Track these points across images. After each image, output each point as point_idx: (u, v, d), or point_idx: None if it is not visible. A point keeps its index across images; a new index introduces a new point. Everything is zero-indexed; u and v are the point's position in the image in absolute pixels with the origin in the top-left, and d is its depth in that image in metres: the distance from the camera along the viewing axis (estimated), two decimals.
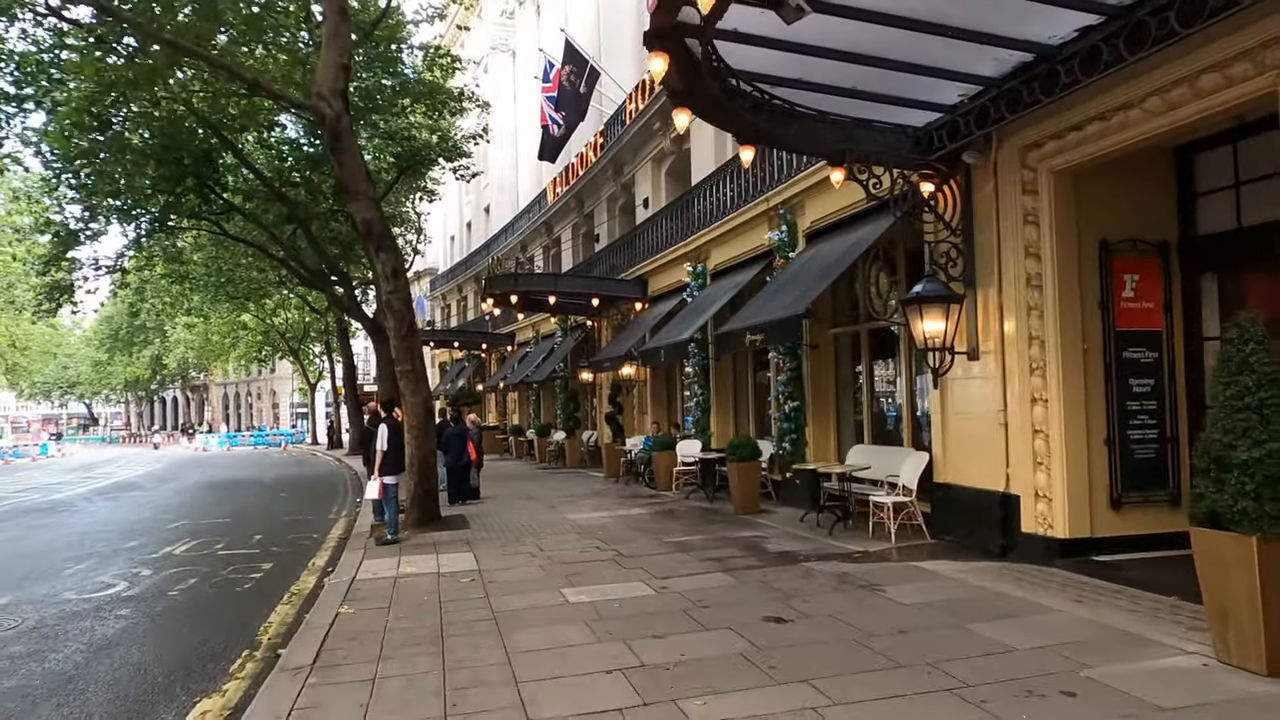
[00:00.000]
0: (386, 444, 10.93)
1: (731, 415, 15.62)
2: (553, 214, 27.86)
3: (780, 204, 12.46)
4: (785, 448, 12.25)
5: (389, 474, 10.95)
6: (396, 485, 11.03)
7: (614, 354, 17.34)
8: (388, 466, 10.95)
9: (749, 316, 10.96)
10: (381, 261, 10.91)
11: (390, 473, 10.99)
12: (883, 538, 9.27)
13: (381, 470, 10.94)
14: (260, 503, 17.85)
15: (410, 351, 11.30)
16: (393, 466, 11.03)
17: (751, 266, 13.59)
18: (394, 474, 11.03)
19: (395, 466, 11.08)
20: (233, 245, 28.15)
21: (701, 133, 17.11)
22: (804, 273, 10.75)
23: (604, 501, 14.38)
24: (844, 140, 8.22)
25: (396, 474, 11.07)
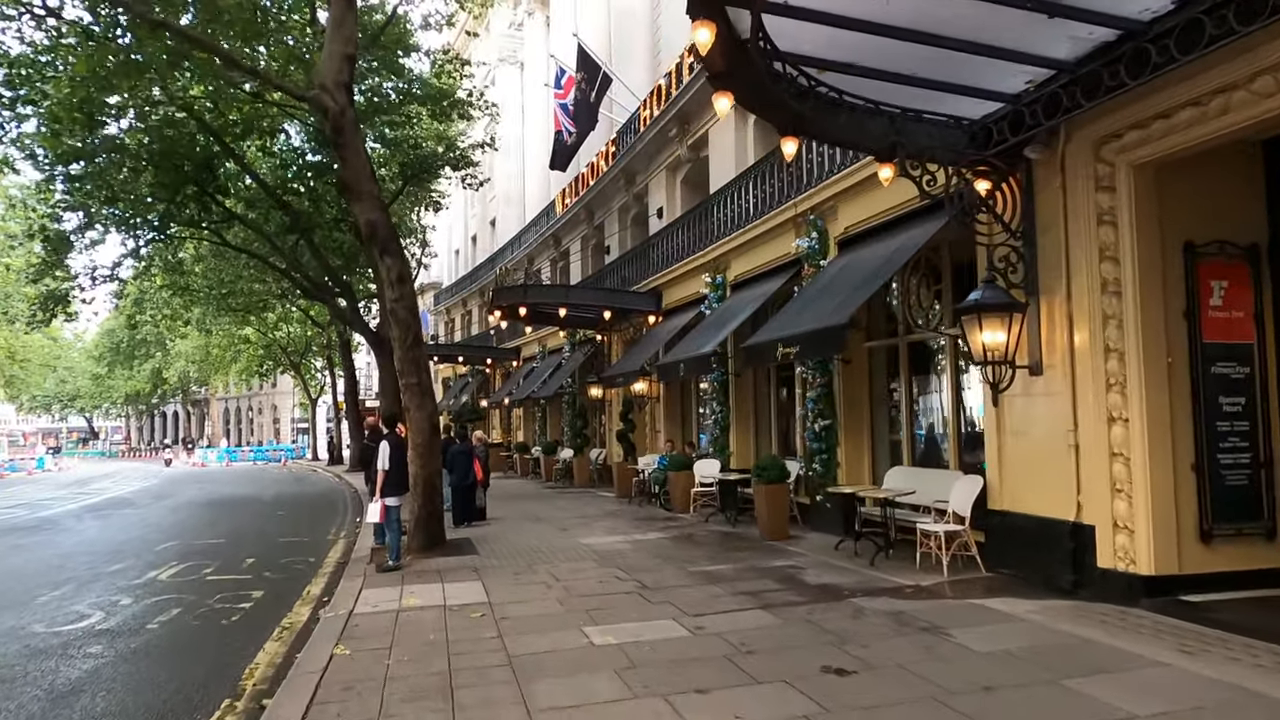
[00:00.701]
0: (388, 462, 10.17)
1: (752, 434, 14.82)
2: (561, 226, 27.19)
3: (810, 210, 11.73)
4: (815, 469, 11.45)
5: (391, 495, 10.16)
6: (399, 507, 10.23)
7: (628, 369, 16.58)
8: (389, 487, 10.18)
9: (780, 328, 10.20)
10: (386, 266, 10.18)
11: (392, 494, 10.20)
12: (931, 569, 8.46)
13: (383, 491, 10.16)
14: (256, 522, 17.03)
15: (416, 363, 10.55)
16: (395, 487, 10.25)
17: (777, 276, 12.86)
18: (397, 495, 10.23)
19: (398, 487, 10.30)
20: (234, 256, 27.53)
21: (721, 137, 16.45)
22: (840, 281, 10.00)
23: (618, 524, 13.56)
24: (894, 134, 7.49)
25: (399, 495, 10.27)
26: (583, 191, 24.05)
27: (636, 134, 19.96)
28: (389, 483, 10.11)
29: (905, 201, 9.57)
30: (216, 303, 31.46)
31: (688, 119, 17.51)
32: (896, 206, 9.80)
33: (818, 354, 10.06)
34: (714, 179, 16.54)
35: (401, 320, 10.33)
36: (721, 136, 16.36)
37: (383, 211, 10.23)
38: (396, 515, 10.14)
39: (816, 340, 8.75)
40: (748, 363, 12.31)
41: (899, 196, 9.70)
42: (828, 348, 8.92)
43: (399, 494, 10.22)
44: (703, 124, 17.08)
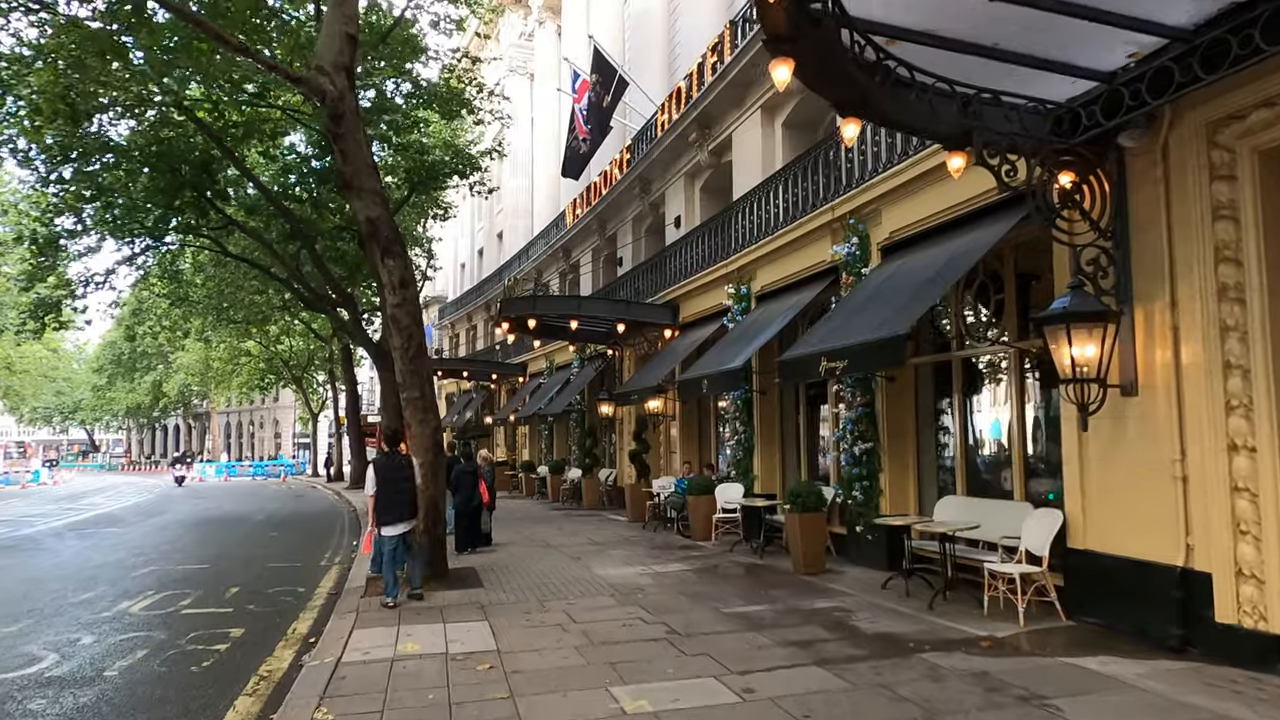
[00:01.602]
0: (375, 486, 8.93)
1: (778, 457, 13.79)
2: (571, 237, 26.31)
3: (850, 213, 10.77)
4: (855, 497, 10.41)
5: (388, 522, 8.99)
6: (397, 539, 8.98)
7: (644, 385, 15.59)
8: (380, 513, 8.96)
9: (823, 340, 9.21)
10: (388, 269, 9.22)
11: (388, 520, 8.96)
12: (1001, 616, 7.42)
13: (377, 518, 9.02)
14: (246, 544, 16.00)
15: (418, 375, 9.57)
16: (387, 513, 8.94)
17: (810, 286, 11.89)
18: (392, 522, 8.98)
19: (391, 513, 8.96)
20: (234, 266, 26.68)
21: (746, 139, 15.53)
22: (889, 290, 9.02)
23: (635, 553, 12.53)
24: (970, 118, 6.53)
25: (396, 522, 8.99)
26: (595, 201, 23.16)
27: (653, 140, 19.08)
28: (379, 508, 8.99)
29: (964, 202, 8.62)
30: (216, 314, 30.62)
31: (709, 122, 16.62)
32: (952, 208, 8.84)
33: (873, 367, 9.03)
34: (738, 184, 15.61)
35: (403, 328, 9.35)
36: (746, 139, 15.46)
37: (385, 208, 9.29)
38: (393, 545, 8.95)
39: (871, 352, 7.75)
40: (786, 379, 11.28)
41: (955, 197, 8.76)
42: (884, 360, 7.91)
43: (394, 520, 8.98)
44: (725, 127, 16.18)
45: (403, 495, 8.97)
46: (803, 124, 14.54)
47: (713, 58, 15.69)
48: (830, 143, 11.52)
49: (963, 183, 8.61)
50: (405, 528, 8.99)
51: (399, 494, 8.97)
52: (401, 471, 9.06)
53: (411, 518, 9.09)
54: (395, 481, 8.98)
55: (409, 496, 9.06)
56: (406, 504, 9.04)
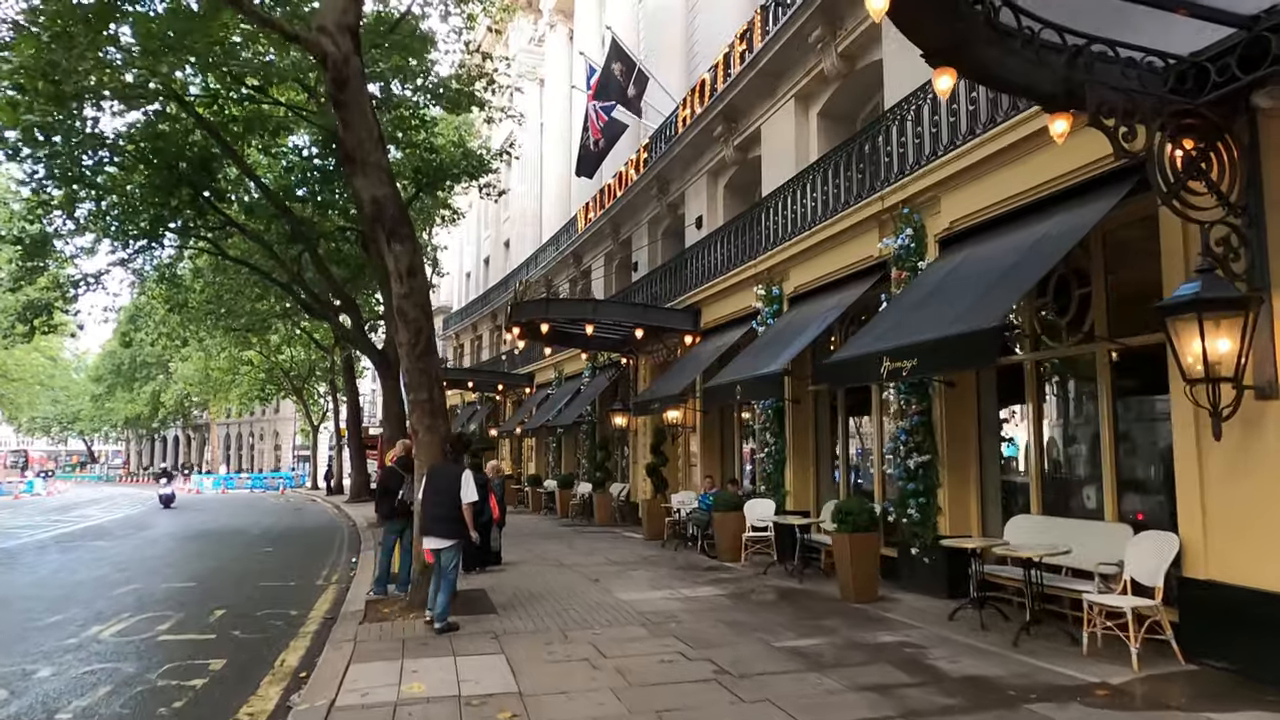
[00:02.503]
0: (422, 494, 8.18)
1: (812, 470, 12.77)
2: (583, 242, 25.37)
3: (902, 203, 9.80)
4: (911, 515, 9.37)
5: (437, 533, 7.97)
6: (454, 550, 8.02)
7: (667, 392, 14.57)
8: (431, 522, 8.03)
9: (879, 339, 8.21)
10: (394, 255, 8.25)
11: (439, 532, 7.95)
12: (1101, 655, 6.38)
13: (426, 527, 8.06)
14: (238, 561, 14.96)
15: (427, 375, 8.56)
16: (443, 524, 7.95)
17: (854, 284, 10.91)
18: (441, 535, 7.95)
19: (441, 523, 7.98)
20: (233, 271, 25.76)
21: (777, 132, 14.56)
22: (957, 283, 8.03)
23: (659, 575, 11.48)
24: (1080, 72, 5.57)
25: (444, 534, 7.95)
26: (609, 204, 22.24)
27: (672, 137, 18.17)
28: (430, 517, 8.06)
29: (1046, 183, 7.65)
30: (214, 320, 29.65)
31: (735, 115, 15.69)
32: (1031, 191, 7.87)
33: (951, 366, 7.97)
34: (767, 180, 14.66)
35: (410, 321, 8.35)
36: (777, 131, 14.52)
37: (392, 186, 8.32)
38: (449, 561, 8.00)
39: (951, 349, 6.72)
40: (836, 382, 10.22)
41: (1034, 178, 7.81)
42: (969, 358, 6.87)
43: (444, 533, 7.95)
44: (754, 119, 15.25)
45: (445, 507, 7.97)
46: (840, 115, 13.61)
47: (741, 46, 14.78)
48: (878, 127, 10.57)
49: (1042, 163, 7.70)
50: (446, 543, 8.00)
51: (439, 505, 7.99)
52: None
53: (455, 535, 8.02)
54: (441, 491, 8.01)
55: (454, 510, 7.97)
56: (450, 518, 7.99)
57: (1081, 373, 8.21)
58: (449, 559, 7.99)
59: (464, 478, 7.94)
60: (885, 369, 7.67)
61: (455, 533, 7.94)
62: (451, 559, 8.00)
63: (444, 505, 7.92)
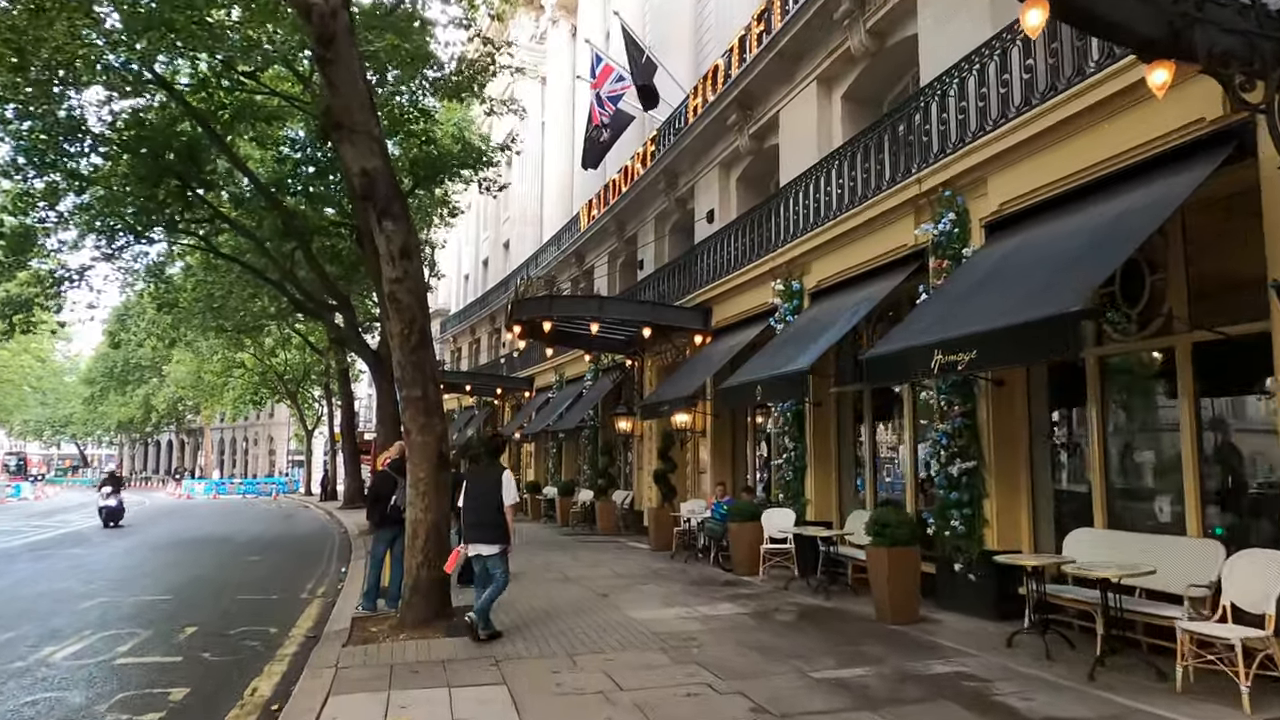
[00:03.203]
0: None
1: (834, 477, 11.90)
2: (585, 241, 24.55)
3: (942, 185, 8.97)
4: (954, 527, 8.50)
5: (482, 540, 7.67)
6: (501, 557, 7.69)
7: (677, 394, 13.70)
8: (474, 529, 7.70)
9: (925, 331, 7.36)
10: (386, 235, 7.39)
11: (484, 538, 7.64)
12: (1197, 692, 5.51)
13: (469, 534, 7.73)
14: (219, 571, 14.06)
15: (420, 369, 7.69)
16: (485, 530, 7.65)
17: (886, 275, 10.07)
18: (487, 541, 7.64)
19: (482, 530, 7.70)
20: (224, 269, 24.89)
21: (797, 118, 13.72)
22: (1015, 269, 7.19)
23: (671, 590, 10.59)
24: (1189, 9, 4.74)
25: (490, 539, 7.65)
26: (614, 199, 21.41)
27: (681, 129, 17.35)
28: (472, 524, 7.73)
29: (1116, 157, 6.83)
30: (204, 320, 28.73)
31: (751, 102, 14.87)
32: (1100, 165, 7.03)
33: (1024, 358, 6.98)
34: (785, 169, 13.83)
35: (403, 308, 7.48)
36: (797, 116, 13.69)
37: (384, 159, 7.46)
38: (499, 568, 7.71)
39: (1023, 338, 5.83)
40: (880, 378, 9.20)
41: (1099, 153, 6.99)
42: (1045, 348, 5.92)
43: (488, 538, 7.64)
44: (771, 105, 14.42)
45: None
46: (865, 98, 12.79)
47: (758, 27, 13.97)
48: (914, 104, 9.74)
49: (1112, 135, 6.88)
50: (493, 549, 7.67)
51: (482, 510, 7.67)
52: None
53: (502, 540, 7.69)
54: (482, 495, 7.69)
55: (498, 515, 7.65)
56: (495, 523, 7.65)
57: (1155, 369, 7.35)
58: (497, 565, 7.69)
59: (505, 479, 7.68)
60: (937, 362, 6.82)
61: (501, 537, 7.64)
62: (499, 565, 7.70)
63: (487, 510, 7.62)
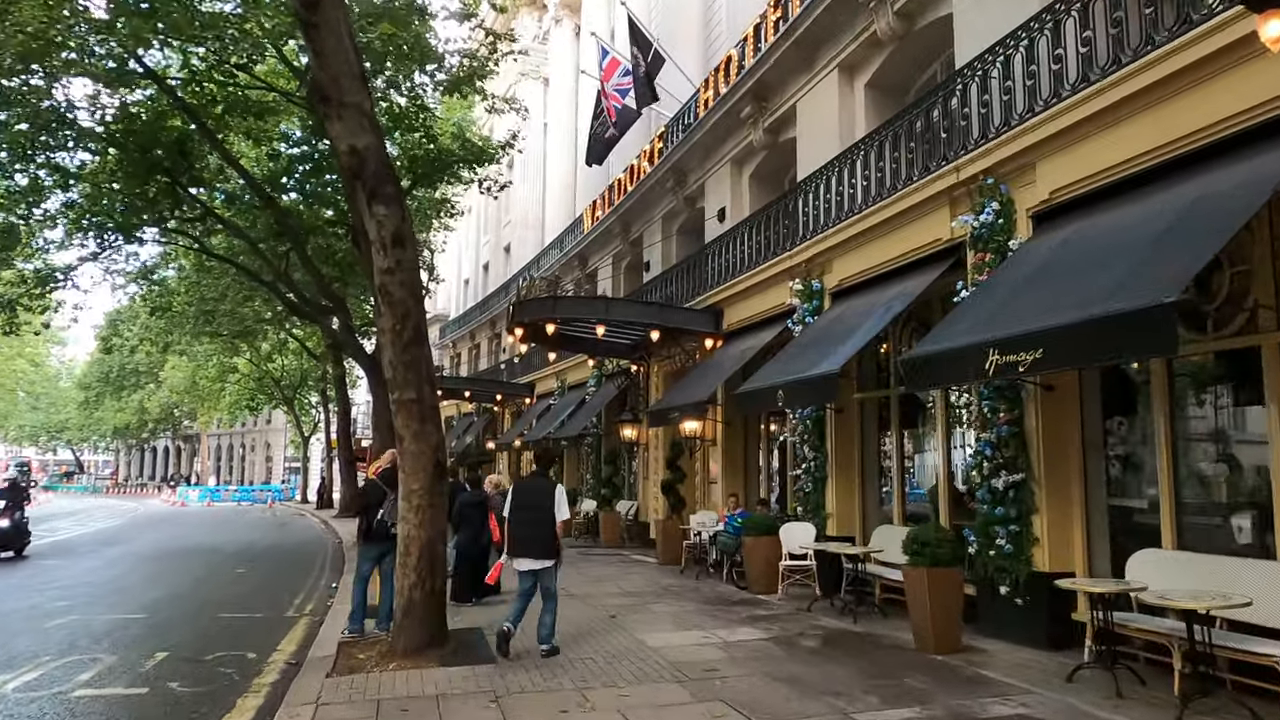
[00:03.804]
0: (507, 511, 7.58)
1: (857, 490, 11.16)
2: (589, 243, 23.84)
3: (982, 173, 8.25)
4: (1000, 546, 7.74)
5: (533, 554, 7.33)
6: (554, 570, 7.42)
7: (689, 400, 12.95)
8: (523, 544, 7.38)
9: (979, 330, 6.63)
10: (376, 220, 6.65)
11: (534, 553, 7.31)
12: None
13: (517, 548, 7.39)
14: (203, 585, 13.29)
15: (415, 369, 6.95)
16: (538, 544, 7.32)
17: (918, 272, 9.35)
18: (538, 555, 7.31)
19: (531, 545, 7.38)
20: (218, 272, 24.17)
21: (816, 109, 12.99)
22: (1077, 261, 6.47)
23: (684, 610, 9.83)
24: None
25: (541, 554, 7.34)
26: (619, 199, 20.70)
27: (691, 124, 16.66)
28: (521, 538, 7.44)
29: (1194, 134, 6.10)
30: (198, 324, 27.97)
31: (766, 93, 14.16)
32: (1167, 146, 6.31)
33: (1106, 356, 6.00)
34: (803, 163, 13.13)
35: (395, 301, 6.74)
36: (817, 106, 12.98)
37: (375, 135, 6.73)
38: (553, 582, 7.46)
39: (1104, 335, 5.11)
40: (925, 382, 8.32)
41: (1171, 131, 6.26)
42: (1135, 345, 5.19)
43: (521, 554, 7.35)
44: (788, 96, 13.71)
45: (540, 526, 7.37)
46: (890, 86, 12.08)
47: (775, 14, 13.27)
48: (949, 88, 9.04)
49: (1187, 110, 6.15)
50: (544, 564, 7.36)
51: (533, 524, 7.36)
52: (545, 499, 7.40)
53: (553, 555, 7.38)
54: (532, 508, 7.42)
55: (549, 529, 7.36)
56: (546, 537, 7.36)
57: (1235, 372, 6.61)
58: (550, 580, 7.43)
59: (558, 493, 7.48)
60: (993, 364, 6.09)
61: (552, 552, 7.36)
62: (552, 580, 7.45)
63: (539, 524, 7.35)
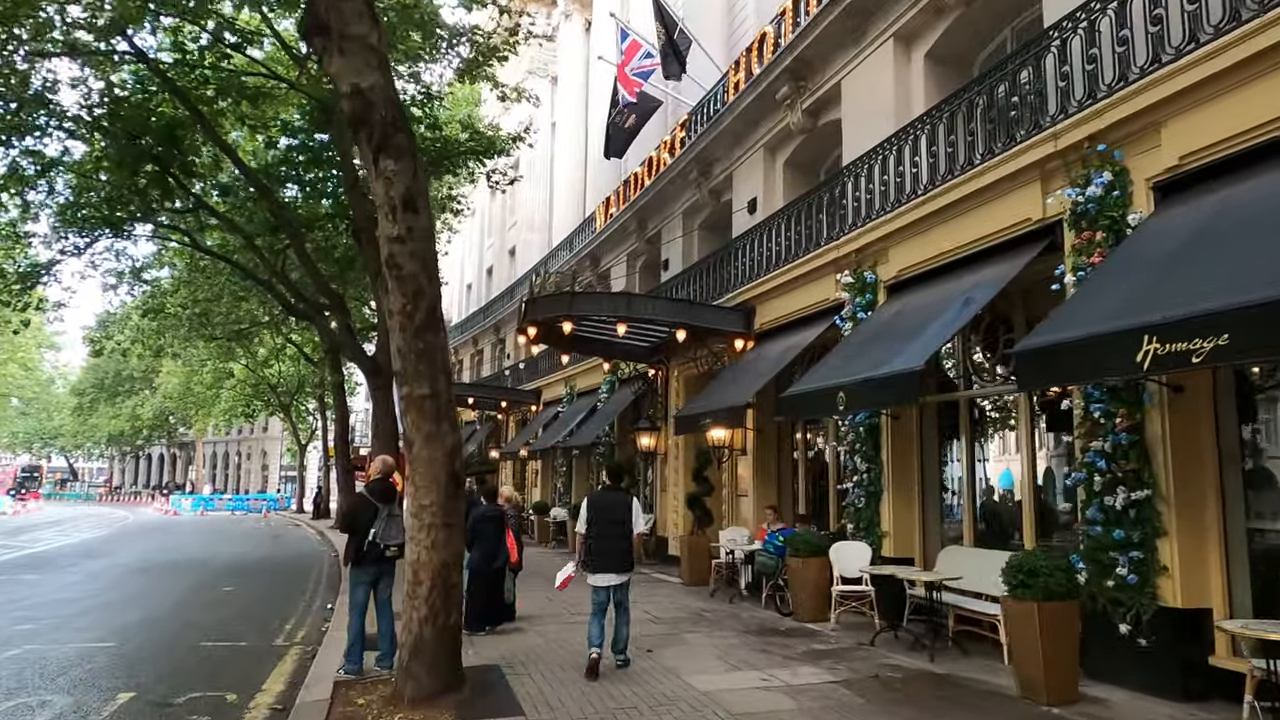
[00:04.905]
0: (585, 524, 7.64)
1: (917, 506, 9.95)
2: (601, 242, 22.68)
3: (1090, 139, 7.08)
4: (1120, 575, 6.52)
5: (618, 569, 7.44)
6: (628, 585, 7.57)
7: (725, 404, 11.72)
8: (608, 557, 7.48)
9: (1118, 315, 5.44)
10: (385, 177, 5.45)
11: (620, 567, 7.44)
12: None
13: (601, 563, 7.41)
14: (184, 606, 12.04)
15: (429, 358, 5.73)
16: (622, 558, 7.50)
17: (994, 260, 8.21)
18: (622, 570, 7.45)
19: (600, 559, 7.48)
20: (211, 271, 23.02)
21: (865, 84, 11.81)
22: (1236, 232, 5.29)
23: (727, 642, 8.60)
24: None
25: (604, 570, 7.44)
26: (636, 194, 19.55)
27: (720, 109, 15.49)
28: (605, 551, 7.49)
29: None
30: (191, 326, 26.76)
31: (806, 72, 13.01)
32: None
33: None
34: (849, 146, 11.97)
35: (405, 276, 5.52)
36: (867, 82, 11.82)
37: (383, 74, 5.52)
38: (625, 597, 7.54)
39: None
40: (1047, 380, 6.86)
41: None
42: None
43: (602, 569, 7.39)
44: (831, 74, 12.55)
45: (623, 540, 7.51)
46: (952, 57, 10.93)
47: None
48: (1043, 44, 7.87)
49: None
50: (625, 578, 7.49)
51: (618, 538, 7.47)
52: (624, 512, 7.49)
53: (631, 568, 7.59)
54: (616, 523, 7.49)
55: (629, 542, 7.54)
56: (628, 550, 7.54)
57: None
58: (626, 594, 7.59)
59: (635, 506, 7.69)
60: (1148, 355, 4.91)
61: (631, 565, 7.57)
62: (627, 593, 7.63)
63: (620, 538, 7.48)
